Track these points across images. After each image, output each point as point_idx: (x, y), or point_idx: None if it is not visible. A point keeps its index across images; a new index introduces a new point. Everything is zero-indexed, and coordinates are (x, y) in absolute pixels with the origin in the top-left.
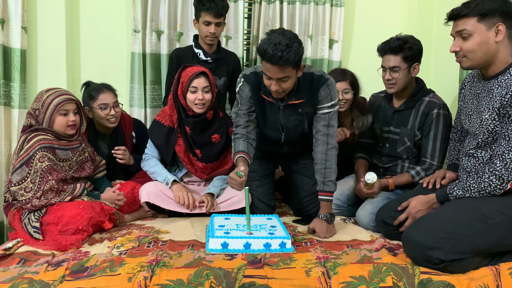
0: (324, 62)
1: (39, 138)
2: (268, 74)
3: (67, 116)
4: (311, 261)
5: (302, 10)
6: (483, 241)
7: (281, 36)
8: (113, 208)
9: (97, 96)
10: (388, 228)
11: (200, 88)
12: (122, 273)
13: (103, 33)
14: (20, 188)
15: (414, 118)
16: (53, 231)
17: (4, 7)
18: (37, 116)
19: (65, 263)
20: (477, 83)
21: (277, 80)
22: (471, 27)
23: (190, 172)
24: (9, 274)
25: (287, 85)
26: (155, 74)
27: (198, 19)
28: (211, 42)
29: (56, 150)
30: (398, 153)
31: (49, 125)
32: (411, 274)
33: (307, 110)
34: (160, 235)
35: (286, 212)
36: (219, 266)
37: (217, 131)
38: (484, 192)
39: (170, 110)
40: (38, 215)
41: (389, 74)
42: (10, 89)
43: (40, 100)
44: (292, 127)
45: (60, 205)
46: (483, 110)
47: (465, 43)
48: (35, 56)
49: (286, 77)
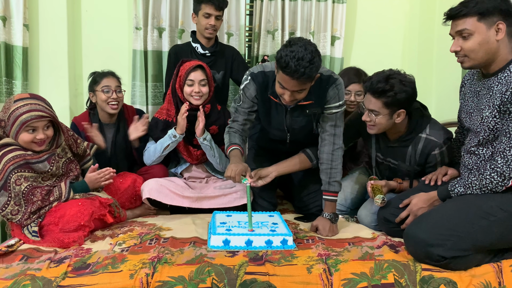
0: (326, 59)
1: (10, 157)
2: (284, 85)
3: (34, 133)
4: (313, 258)
5: (304, 6)
6: (485, 238)
7: (303, 49)
8: (110, 199)
9: (100, 80)
10: (390, 225)
11: (196, 81)
12: (124, 270)
13: (105, 30)
14: (7, 213)
15: (412, 155)
16: (54, 230)
17: (6, 5)
18: (3, 128)
19: (67, 260)
20: (477, 81)
21: (292, 92)
22: (472, 27)
23: (190, 168)
24: (11, 270)
25: (301, 95)
26: (156, 71)
27: (198, 12)
28: (210, 35)
29: (31, 165)
30: (399, 176)
31: (15, 139)
32: (413, 271)
33: (315, 111)
34: (162, 232)
35: (287, 209)
36: (221, 263)
37: (215, 122)
38: (486, 189)
39: (168, 105)
40: (37, 220)
41: (367, 115)
42: (12, 86)
43: (7, 111)
44: (298, 128)
45: (59, 206)
46: (483, 108)
47: (465, 42)
48: (36, 54)
49: (302, 90)
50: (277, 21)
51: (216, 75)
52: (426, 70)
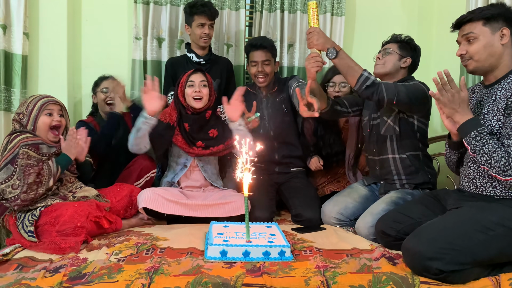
0: (324, 70)
1: (22, 137)
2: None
3: (51, 116)
4: (311, 269)
5: (303, 18)
6: (484, 252)
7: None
8: (107, 204)
9: (101, 82)
10: (388, 239)
11: (197, 82)
12: (120, 280)
13: (105, 40)
14: (7, 185)
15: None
16: (50, 231)
17: (6, 13)
18: (21, 120)
19: (62, 270)
20: (479, 92)
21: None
22: (477, 30)
23: (187, 176)
24: (6, 280)
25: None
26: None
27: (191, 23)
28: (205, 44)
29: (40, 145)
30: (383, 135)
31: (33, 128)
32: (411, 284)
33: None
34: (158, 242)
35: (285, 220)
36: (218, 274)
37: (213, 126)
38: (490, 160)
39: (171, 110)
40: (32, 219)
41: (381, 54)
42: (11, 94)
43: (24, 104)
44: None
45: (55, 206)
46: (486, 112)
47: (471, 46)
48: (36, 62)
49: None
50: (276, 33)
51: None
52: (423, 80)
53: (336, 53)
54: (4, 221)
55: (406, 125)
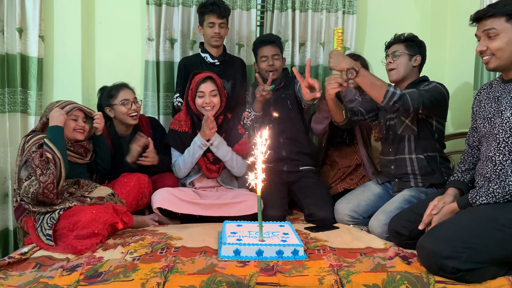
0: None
1: (37, 137)
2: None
3: (76, 121)
4: (324, 269)
5: (315, 17)
6: (501, 251)
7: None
8: (124, 207)
9: (117, 93)
10: (401, 238)
11: (207, 92)
12: (135, 279)
13: (118, 41)
14: (31, 181)
15: None
16: (68, 235)
17: (22, 17)
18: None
19: (79, 268)
20: (497, 87)
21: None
22: (499, 26)
23: (201, 178)
24: (25, 278)
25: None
26: (168, 81)
27: (203, 23)
28: (216, 43)
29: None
30: (401, 135)
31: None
32: (426, 283)
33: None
34: (172, 241)
35: (298, 219)
36: (232, 273)
37: (225, 130)
38: (509, 196)
39: (185, 116)
40: (51, 222)
41: (391, 58)
42: (27, 96)
43: (52, 107)
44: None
45: (73, 211)
46: (504, 109)
47: (492, 42)
48: (51, 65)
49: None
50: (288, 32)
51: (225, 84)
52: (437, 79)
53: (356, 72)
54: (23, 222)
55: (424, 126)
